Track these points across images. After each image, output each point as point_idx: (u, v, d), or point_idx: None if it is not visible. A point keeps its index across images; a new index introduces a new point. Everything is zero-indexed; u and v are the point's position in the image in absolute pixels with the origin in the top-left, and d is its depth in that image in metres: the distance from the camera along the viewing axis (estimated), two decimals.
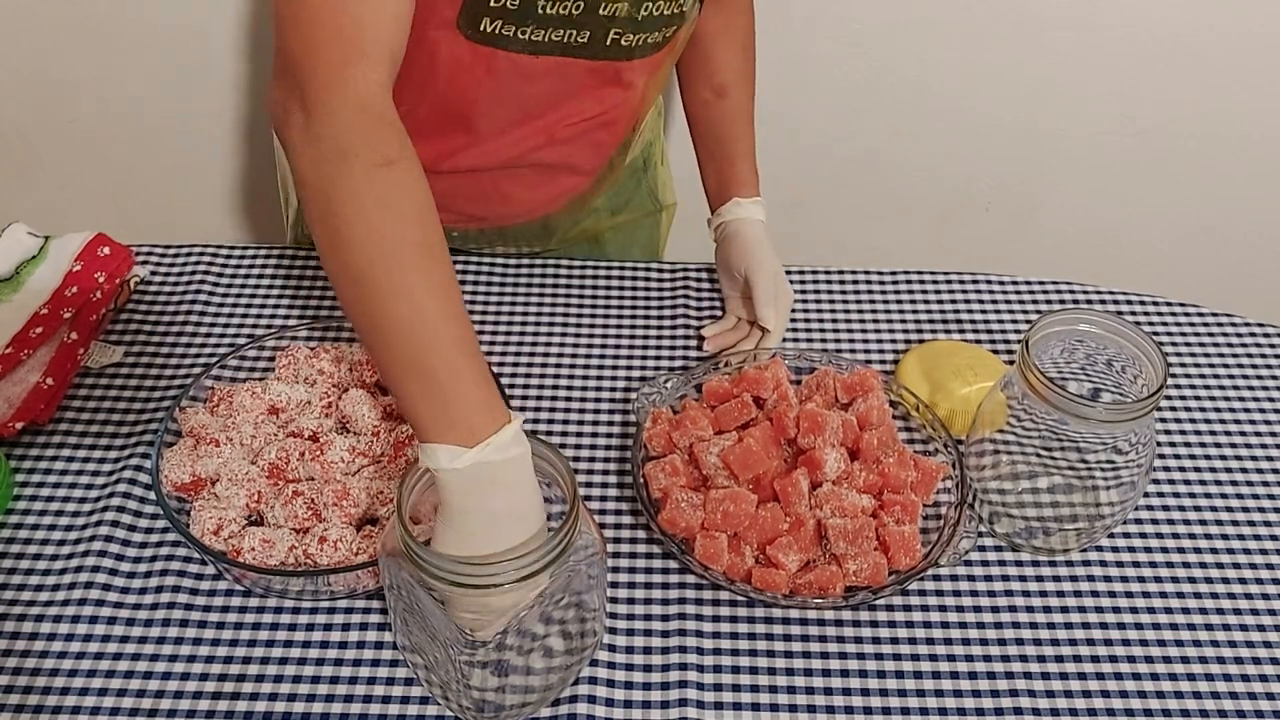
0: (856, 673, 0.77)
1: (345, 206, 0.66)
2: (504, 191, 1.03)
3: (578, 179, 1.05)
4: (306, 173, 0.68)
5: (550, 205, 1.08)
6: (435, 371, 0.65)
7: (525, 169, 1.00)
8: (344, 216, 0.66)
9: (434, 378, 0.65)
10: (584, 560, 0.70)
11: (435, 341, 0.65)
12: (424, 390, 0.65)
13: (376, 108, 0.69)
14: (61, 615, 0.78)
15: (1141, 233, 1.61)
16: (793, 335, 1.03)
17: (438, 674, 0.73)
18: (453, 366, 0.65)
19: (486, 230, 1.10)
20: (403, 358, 0.65)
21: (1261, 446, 0.94)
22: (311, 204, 0.68)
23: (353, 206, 0.66)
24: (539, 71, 0.89)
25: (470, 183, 1.00)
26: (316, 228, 0.68)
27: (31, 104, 1.49)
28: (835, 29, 1.39)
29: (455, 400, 0.64)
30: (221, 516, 0.79)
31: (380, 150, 0.67)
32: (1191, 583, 0.84)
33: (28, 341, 0.95)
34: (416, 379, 0.65)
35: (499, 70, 0.88)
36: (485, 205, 1.05)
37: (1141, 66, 1.41)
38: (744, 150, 1.05)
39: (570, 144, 0.99)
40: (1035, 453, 0.83)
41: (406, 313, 0.65)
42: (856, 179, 1.57)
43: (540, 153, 0.98)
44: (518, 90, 0.91)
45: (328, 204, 0.67)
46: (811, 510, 0.82)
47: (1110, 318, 0.80)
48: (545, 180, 1.03)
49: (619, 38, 0.89)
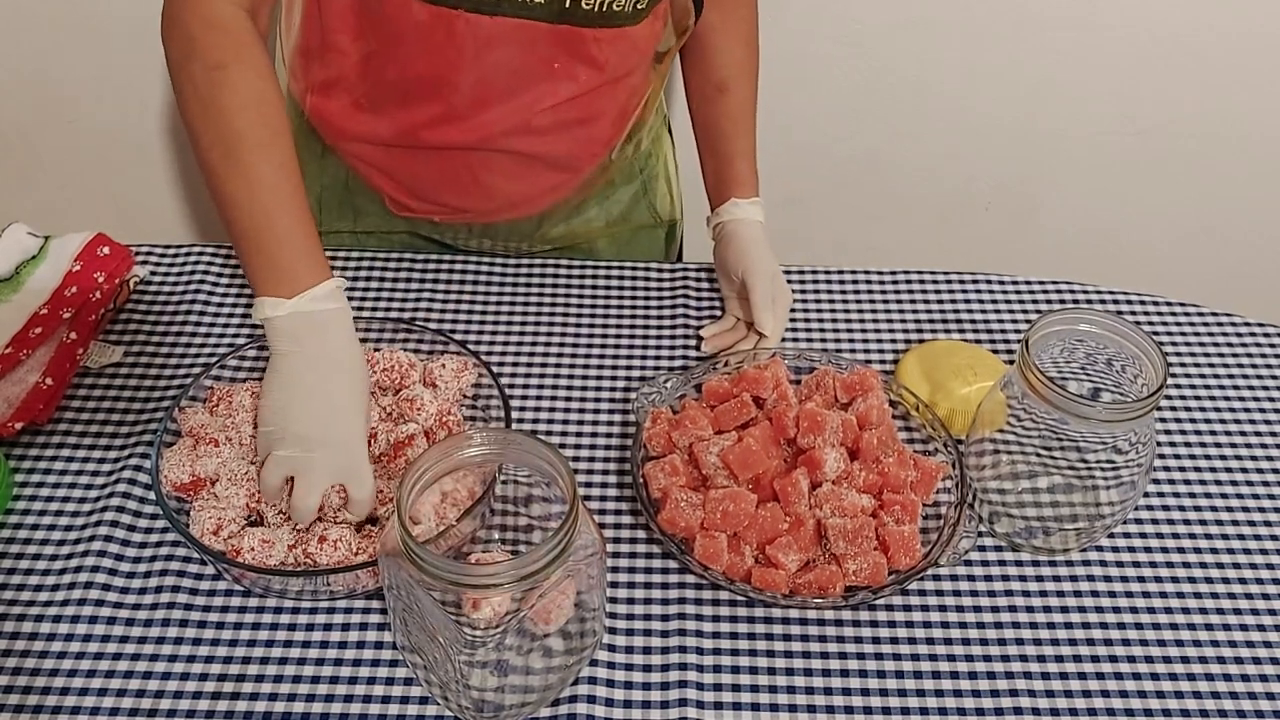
0: (856, 673, 0.77)
1: (189, 104, 0.79)
2: (482, 181, 1.02)
3: (560, 176, 1.05)
4: (169, 71, 0.81)
5: (533, 203, 1.07)
6: (263, 236, 0.77)
7: (502, 155, 1.00)
8: (189, 110, 0.79)
9: (262, 241, 0.78)
10: (584, 560, 0.70)
11: (263, 211, 0.77)
12: (256, 254, 0.78)
13: (217, 18, 0.80)
14: (61, 615, 0.78)
15: (1141, 233, 1.61)
16: (792, 335, 1.03)
17: (438, 674, 0.73)
18: (278, 230, 0.77)
19: (473, 226, 1.10)
20: (239, 228, 0.78)
21: (1261, 446, 0.94)
22: (176, 97, 0.81)
23: (194, 103, 0.79)
24: (499, 35, 0.90)
25: (447, 164, 1.00)
26: (182, 118, 0.81)
27: (31, 104, 1.49)
28: (835, 29, 1.39)
29: (279, 258, 0.77)
30: (221, 516, 0.79)
31: (213, 55, 0.79)
32: (1191, 583, 0.84)
33: (27, 341, 0.95)
34: (251, 245, 0.78)
35: (459, 34, 0.89)
36: (464, 195, 1.04)
37: (1141, 66, 1.41)
38: (744, 149, 1.05)
39: (548, 135, 0.99)
40: (1035, 453, 0.83)
41: (239, 189, 0.77)
42: (856, 179, 1.57)
43: (516, 139, 0.98)
44: (482, 58, 0.91)
45: (180, 99, 0.80)
46: (811, 510, 0.82)
47: (1110, 318, 0.80)
48: (524, 171, 1.02)
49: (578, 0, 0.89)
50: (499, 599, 0.67)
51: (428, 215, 1.08)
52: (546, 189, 1.06)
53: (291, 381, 0.77)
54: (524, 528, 0.83)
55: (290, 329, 0.77)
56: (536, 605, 0.69)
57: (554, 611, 0.71)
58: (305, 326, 0.77)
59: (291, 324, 0.77)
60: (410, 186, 1.05)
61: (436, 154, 1.00)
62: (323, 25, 0.93)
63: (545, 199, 1.07)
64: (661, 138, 1.17)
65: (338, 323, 0.79)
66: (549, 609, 0.71)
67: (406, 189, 1.05)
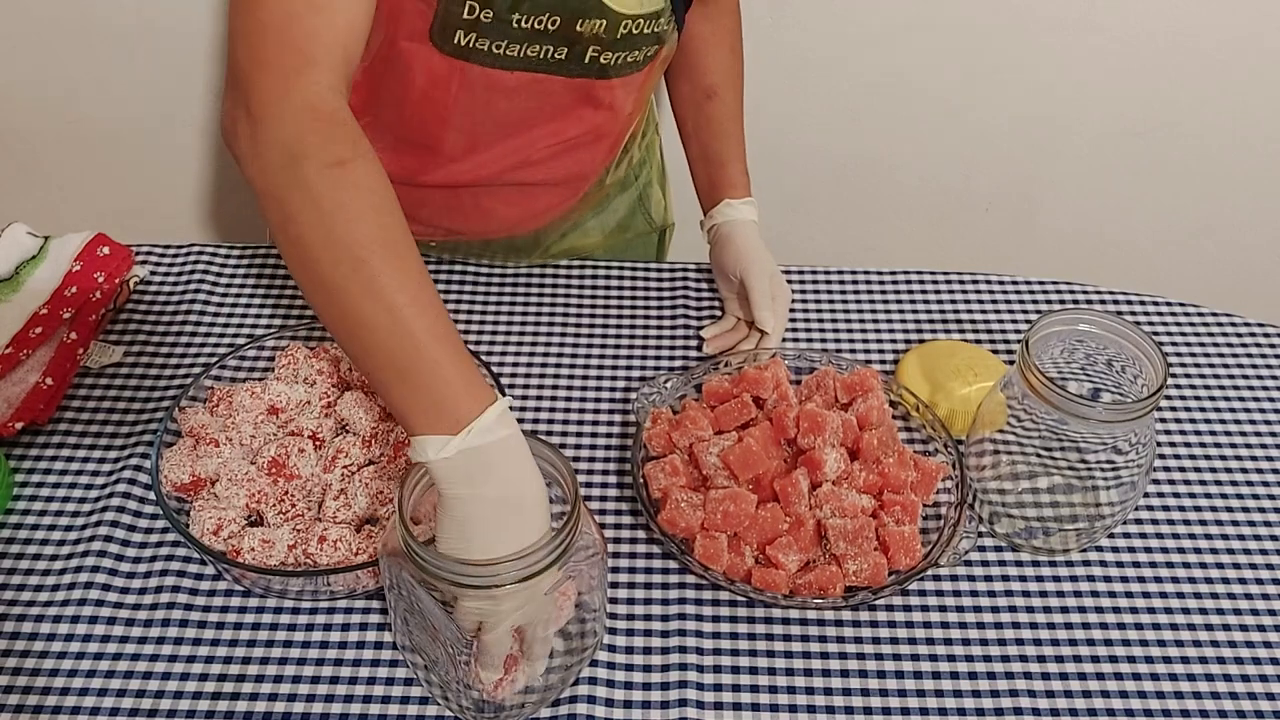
0: (856, 673, 0.77)
1: (301, 212, 0.65)
2: (484, 208, 1.02)
3: (559, 197, 1.05)
4: (259, 182, 0.68)
5: (532, 222, 1.07)
6: (412, 365, 0.64)
7: (504, 187, 1.00)
8: (301, 222, 0.65)
9: (411, 372, 0.64)
10: (584, 560, 0.70)
11: (409, 336, 0.64)
12: (403, 385, 0.65)
13: (326, 109, 0.68)
14: (61, 615, 0.78)
15: (1141, 233, 1.61)
16: (792, 335, 1.03)
17: (438, 674, 0.73)
18: (429, 358, 0.64)
19: (472, 243, 1.09)
20: (379, 357, 0.65)
21: (1261, 446, 0.94)
22: (270, 214, 0.67)
23: (309, 211, 0.65)
24: (513, 87, 0.89)
25: (449, 197, 1.00)
26: (278, 237, 0.67)
27: (31, 104, 1.49)
28: (835, 29, 1.39)
29: (435, 391, 0.64)
30: (221, 516, 0.79)
31: (331, 150, 0.66)
32: (1191, 583, 0.84)
33: (27, 342, 0.95)
34: (395, 375, 0.65)
35: (472, 83, 0.88)
36: (463, 220, 1.04)
37: (1141, 67, 1.41)
38: (734, 152, 1.05)
39: (549, 163, 0.98)
40: (1035, 453, 0.83)
41: (376, 312, 0.64)
42: (856, 179, 1.57)
43: (517, 173, 0.98)
44: (492, 106, 0.90)
45: (283, 211, 0.66)
46: (811, 510, 0.82)
47: (1110, 318, 0.80)
48: (525, 198, 1.02)
49: (597, 55, 0.88)
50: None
51: (425, 238, 1.07)
52: (543, 209, 1.06)
53: (469, 531, 0.65)
54: None
55: (460, 473, 0.64)
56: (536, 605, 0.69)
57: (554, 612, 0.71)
58: (477, 466, 0.64)
59: (462, 463, 0.64)
60: (409, 212, 1.03)
61: (440, 188, 0.99)
62: None
63: (543, 218, 1.07)
64: (653, 145, 1.17)
65: (513, 455, 0.66)
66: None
67: (406, 214, 1.04)
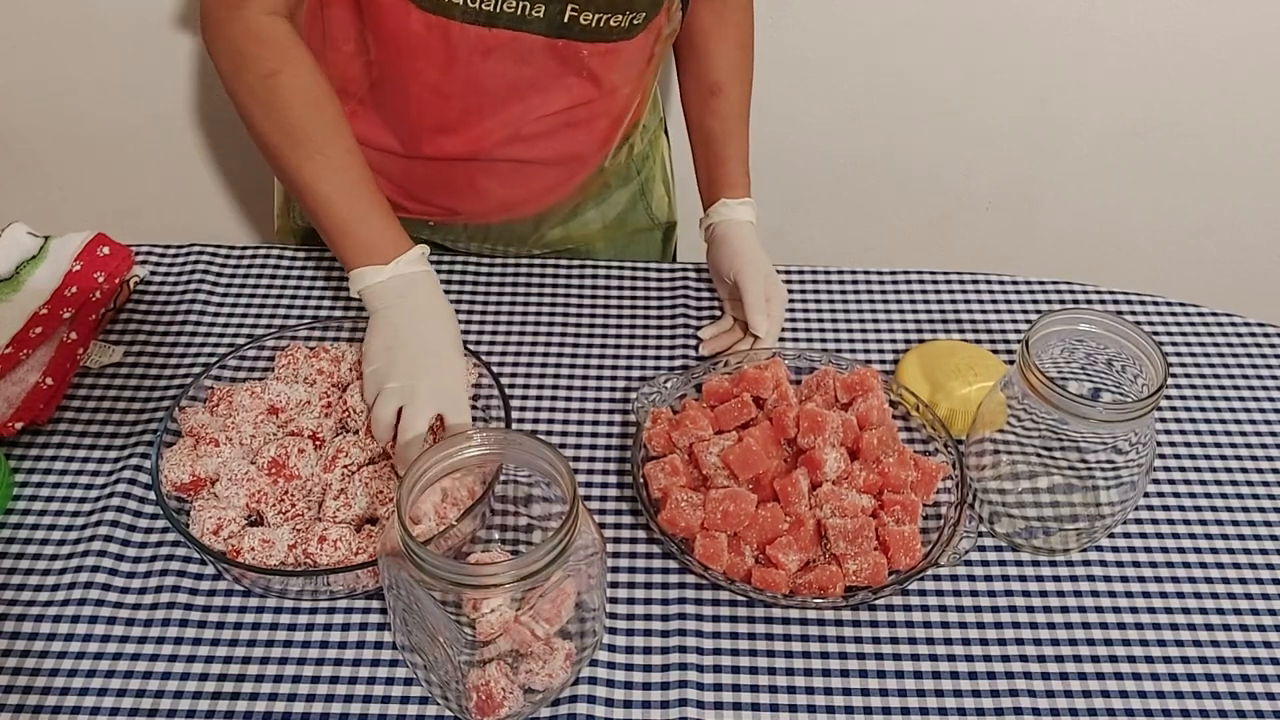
0: (856, 673, 0.77)
1: (247, 107, 0.85)
2: (479, 186, 1.03)
3: (556, 178, 1.05)
4: (219, 72, 0.87)
5: (530, 205, 1.07)
6: (348, 215, 0.85)
7: (499, 164, 1.00)
8: (249, 112, 0.86)
9: (347, 220, 0.85)
10: (584, 560, 0.70)
11: (345, 195, 0.85)
12: (342, 231, 0.86)
13: (263, 32, 0.84)
14: (61, 615, 0.78)
15: (1141, 233, 1.61)
16: (792, 335, 1.03)
17: (438, 674, 0.73)
18: (362, 210, 0.85)
19: (468, 226, 1.10)
20: (321, 209, 0.85)
21: (1261, 446, 0.94)
22: (232, 100, 0.87)
23: (253, 106, 0.85)
24: (495, 47, 0.90)
25: (445, 171, 1.01)
26: (242, 118, 0.87)
27: (31, 104, 1.49)
28: (835, 29, 1.39)
29: (368, 234, 0.86)
30: (221, 516, 0.79)
31: (265, 63, 0.84)
32: (1191, 583, 0.84)
33: (27, 341, 0.95)
34: (334, 222, 0.86)
35: (453, 44, 0.89)
36: (460, 198, 1.05)
37: (1141, 67, 1.41)
38: (736, 151, 1.05)
39: (540, 140, 0.99)
40: (1035, 453, 0.83)
41: (314, 177, 0.84)
42: (856, 179, 1.57)
43: (510, 148, 0.99)
44: (475, 70, 0.92)
45: (237, 103, 0.86)
46: (811, 510, 0.82)
47: (1110, 318, 0.80)
48: (521, 177, 1.03)
49: (576, 15, 0.89)
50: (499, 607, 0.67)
51: (423, 217, 1.08)
52: (542, 190, 1.06)
53: (394, 329, 0.84)
54: (524, 528, 0.83)
55: (390, 289, 0.85)
56: (536, 605, 0.69)
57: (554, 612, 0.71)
58: (403, 286, 0.85)
59: (391, 285, 0.85)
60: (407, 188, 1.05)
61: (434, 161, 1.00)
62: (325, 30, 0.93)
63: (541, 200, 1.07)
64: (658, 140, 1.17)
65: (429, 281, 0.87)
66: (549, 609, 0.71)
67: (404, 191, 1.05)
